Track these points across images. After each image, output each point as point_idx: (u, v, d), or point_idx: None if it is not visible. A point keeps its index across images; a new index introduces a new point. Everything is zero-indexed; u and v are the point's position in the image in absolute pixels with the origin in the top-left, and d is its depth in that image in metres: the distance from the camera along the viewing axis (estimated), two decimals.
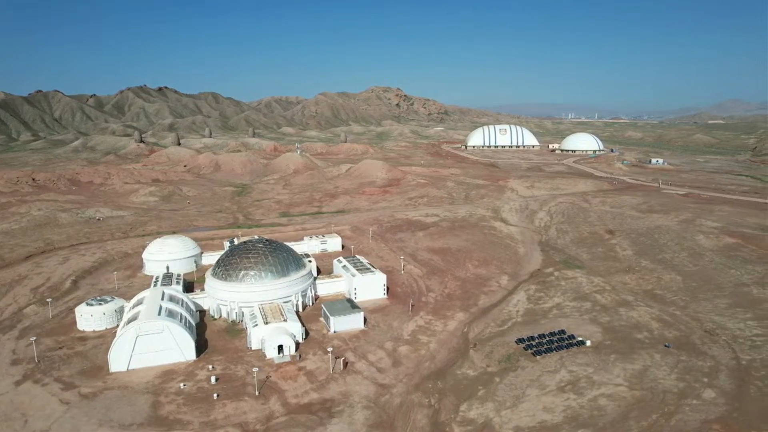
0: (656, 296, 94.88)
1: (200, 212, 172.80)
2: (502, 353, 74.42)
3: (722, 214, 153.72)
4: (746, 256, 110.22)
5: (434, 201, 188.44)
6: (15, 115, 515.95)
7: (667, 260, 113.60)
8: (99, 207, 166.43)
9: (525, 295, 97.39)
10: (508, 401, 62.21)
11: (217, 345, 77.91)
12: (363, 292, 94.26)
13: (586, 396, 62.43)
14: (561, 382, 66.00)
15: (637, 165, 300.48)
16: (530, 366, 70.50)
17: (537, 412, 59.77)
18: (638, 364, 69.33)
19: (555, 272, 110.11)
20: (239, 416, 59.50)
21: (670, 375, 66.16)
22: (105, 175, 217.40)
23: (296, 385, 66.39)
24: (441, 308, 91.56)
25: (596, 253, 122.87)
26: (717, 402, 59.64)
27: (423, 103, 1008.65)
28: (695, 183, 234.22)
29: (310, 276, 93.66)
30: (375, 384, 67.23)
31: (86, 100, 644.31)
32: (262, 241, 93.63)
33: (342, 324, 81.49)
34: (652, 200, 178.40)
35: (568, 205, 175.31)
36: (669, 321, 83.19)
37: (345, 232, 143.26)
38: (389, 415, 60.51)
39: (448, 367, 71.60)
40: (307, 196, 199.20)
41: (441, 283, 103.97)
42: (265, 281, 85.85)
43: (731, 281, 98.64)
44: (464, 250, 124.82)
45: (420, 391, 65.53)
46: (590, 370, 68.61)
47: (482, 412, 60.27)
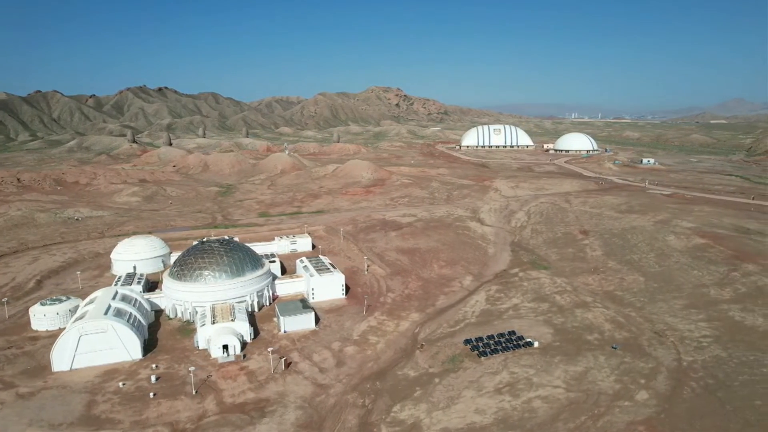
0: (615, 297, 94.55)
1: (180, 212, 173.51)
2: (447, 354, 74.43)
3: (700, 214, 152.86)
4: (712, 257, 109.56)
5: (415, 201, 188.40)
6: (13, 115, 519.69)
7: (634, 261, 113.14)
8: (79, 207, 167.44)
9: (485, 296, 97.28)
10: (442, 402, 62.22)
11: (167, 344, 78.35)
12: (321, 293, 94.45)
13: (522, 398, 62.35)
14: (500, 383, 65.94)
15: (627, 165, 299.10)
16: (473, 367, 70.48)
17: (468, 413, 59.75)
18: (581, 366, 69.16)
19: (520, 273, 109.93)
20: (172, 415, 59.81)
21: (610, 377, 65.97)
22: (91, 175, 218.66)
23: (235, 385, 66.65)
24: (397, 309, 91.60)
25: (566, 254, 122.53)
26: (648, 403, 59.43)
27: (423, 103, 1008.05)
28: (683, 183, 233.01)
29: (267, 276, 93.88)
30: (314, 384, 67.39)
31: (85, 100, 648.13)
32: (219, 242, 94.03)
33: (292, 324, 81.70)
34: (633, 201, 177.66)
35: (549, 205, 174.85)
36: (622, 322, 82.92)
37: (319, 232, 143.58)
38: (321, 415, 60.64)
39: (390, 367, 71.65)
40: (289, 197, 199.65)
41: (403, 283, 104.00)
42: (219, 281, 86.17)
43: (692, 282, 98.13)
44: (433, 250, 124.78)
45: (357, 391, 65.64)
46: (532, 371, 68.51)
47: (414, 413, 60.31)
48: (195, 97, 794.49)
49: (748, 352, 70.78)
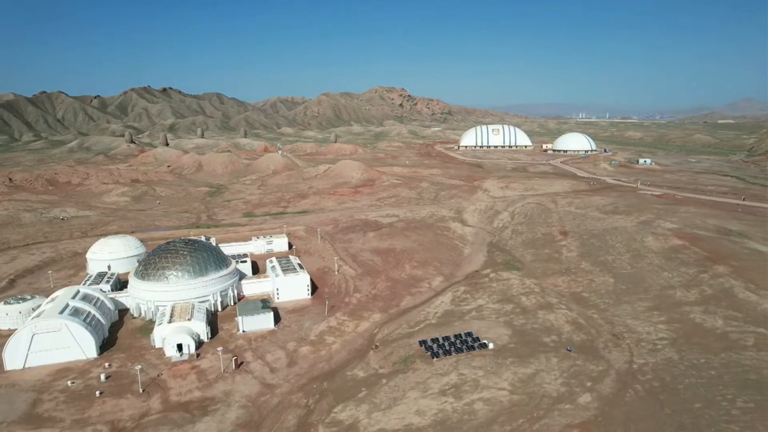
0: (581, 299, 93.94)
1: (167, 212, 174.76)
2: (400, 355, 74.42)
3: (685, 215, 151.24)
4: (686, 259, 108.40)
5: (402, 201, 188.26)
6: (18, 116, 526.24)
7: (608, 262, 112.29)
8: (66, 207, 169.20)
9: (451, 297, 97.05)
10: (384, 403, 62.23)
11: (126, 343, 79.01)
12: (286, 293, 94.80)
13: (465, 399, 62.18)
14: (446, 385, 65.79)
15: (624, 165, 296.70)
16: (423, 368, 70.39)
17: (408, 415, 59.70)
18: (531, 368, 68.81)
19: (492, 274, 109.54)
20: (114, 414, 60.35)
21: (557, 379, 65.58)
22: (84, 175, 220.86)
23: (183, 384, 67.11)
24: (360, 309, 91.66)
25: (541, 255, 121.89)
26: (589, 406, 59.01)
27: (426, 103, 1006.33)
28: (676, 183, 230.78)
29: (232, 276, 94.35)
30: (262, 384, 67.69)
31: (90, 101, 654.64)
32: (184, 242, 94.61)
33: (251, 324, 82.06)
34: (621, 201, 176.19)
35: (535, 205, 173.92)
36: (583, 324, 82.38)
37: (299, 232, 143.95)
38: (262, 414, 60.90)
39: (341, 368, 71.75)
40: (277, 197, 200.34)
41: (371, 284, 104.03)
42: (181, 281, 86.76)
43: (660, 284, 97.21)
44: (409, 250, 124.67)
45: (303, 391, 65.85)
46: (480, 373, 68.28)
47: (354, 413, 60.37)
48: (199, 97, 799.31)
49: (701, 354, 70.03)
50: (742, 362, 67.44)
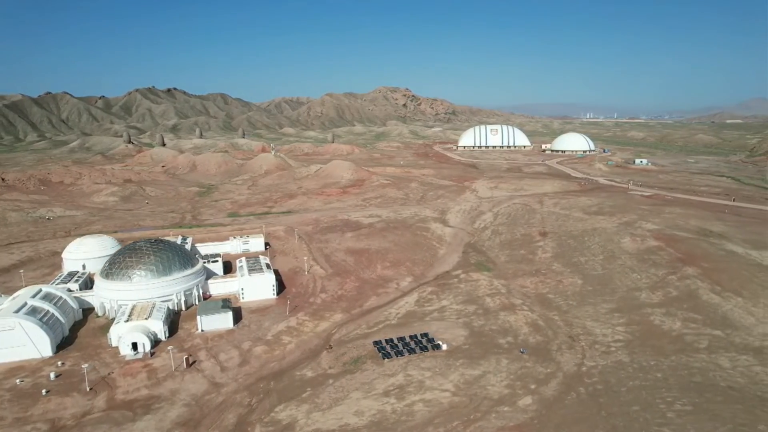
0: (546, 300, 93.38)
1: (153, 212, 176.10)
2: (352, 356, 74.49)
3: (669, 216, 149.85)
4: (658, 260, 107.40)
5: (387, 202, 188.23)
6: (23, 116, 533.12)
7: (581, 263, 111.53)
8: (54, 207, 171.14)
9: (416, 297, 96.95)
10: (325, 404, 62.33)
11: (85, 342, 79.80)
12: (251, 292, 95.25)
13: (406, 401, 62.10)
14: (391, 386, 65.76)
15: (620, 166, 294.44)
16: (372, 369, 70.40)
17: (347, 415, 59.76)
18: (479, 370, 68.58)
19: (462, 274, 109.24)
20: (57, 412, 60.99)
21: (503, 382, 65.29)
22: (77, 175, 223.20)
23: (132, 382, 67.69)
24: (323, 309, 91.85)
25: (515, 256, 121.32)
26: (528, 409, 58.71)
27: (430, 104, 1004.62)
28: (669, 184, 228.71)
29: (197, 275, 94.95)
30: (210, 382, 68.10)
31: (95, 101, 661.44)
32: (149, 242, 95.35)
33: (210, 323, 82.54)
34: (607, 202, 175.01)
35: (520, 206, 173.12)
36: (541, 326, 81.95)
37: (278, 232, 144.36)
38: (203, 413, 61.27)
39: (291, 368, 71.97)
40: (265, 197, 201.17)
41: (340, 284, 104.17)
42: (144, 280, 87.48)
43: (628, 285, 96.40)
44: (383, 251, 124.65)
45: (248, 390, 66.16)
46: (428, 374, 68.15)
47: (293, 413, 60.54)
48: (203, 98, 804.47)
49: (652, 357, 69.41)
50: (692, 365, 66.76)
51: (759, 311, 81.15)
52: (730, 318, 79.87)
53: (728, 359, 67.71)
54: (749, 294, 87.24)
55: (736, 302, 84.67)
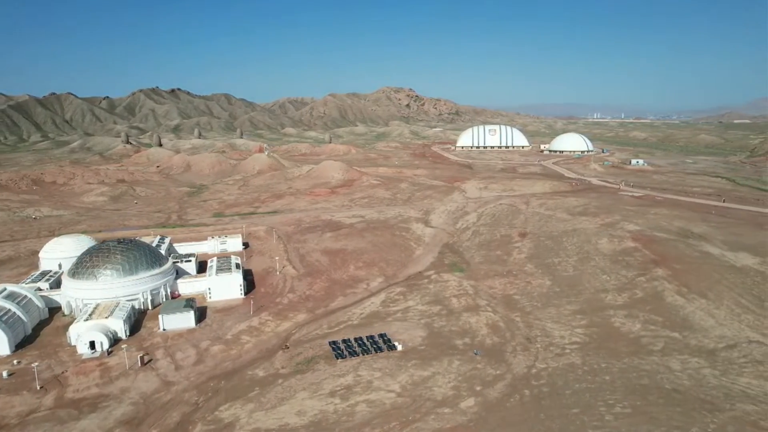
0: (512, 301, 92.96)
1: (140, 212, 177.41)
2: (307, 355, 74.63)
3: (654, 217, 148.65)
4: (631, 261, 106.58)
5: (374, 202, 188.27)
6: (27, 116, 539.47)
7: (553, 264, 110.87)
8: (41, 206, 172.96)
9: (383, 298, 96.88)
10: (270, 403, 62.50)
11: (46, 340, 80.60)
12: (218, 292, 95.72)
13: (350, 401, 62.11)
14: (339, 386, 65.80)
15: (616, 166, 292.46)
16: (324, 369, 70.48)
17: (289, 415, 59.89)
18: (429, 371, 68.43)
19: (434, 275, 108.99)
20: (3, 410, 61.59)
21: (450, 383, 65.09)
22: (70, 175, 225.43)
23: (85, 381, 68.26)
24: (288, 309, 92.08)
25: (491, 256, 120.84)
26: (468, 411, 58.50)
27: (434, 104, 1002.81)
28: (662, 185, 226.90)
29: (165, 275, 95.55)
30: (162, 381, 68.53)
31: (99, 102, 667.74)
32: (117, 241, 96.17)
33: (171, 322, 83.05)
34: (594, 203, 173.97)
35: (506, 206, 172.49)
36: (501, 327, 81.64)
37: (259, 233, 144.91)
38: (148, 411, 61.65)
39: (245, 367, 72.23)
40: (254, 197, 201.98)
41: (309, 284, 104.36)
42: (109, 279, 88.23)
43: (595, 287, 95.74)
44: (359, 251, 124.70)
45: (198, 389, 66.51)
46: (377, 375, 68.13)
47: (236, 412, 60.76)
48: (207, 98, 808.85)
49: (604, 359, 68.90)
50: (642, 367, 66.20)
51: (720, 313, 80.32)
52: (690, 320, 79.11)
53: (680, 362, 67.06)
54: (714, 296, 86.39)
55: (699, 304, 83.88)
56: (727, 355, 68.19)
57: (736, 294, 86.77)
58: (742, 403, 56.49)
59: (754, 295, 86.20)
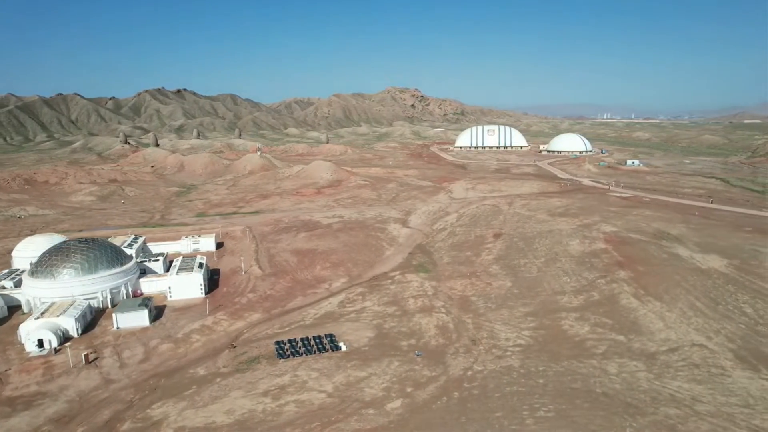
0: (467, 303, 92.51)
1: (125, 212, 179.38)
2: (251, 355, 74.98)
3: (634, 218, 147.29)
4: (597, 263, 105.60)
5: (357, 202, 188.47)
6: (34, 117, 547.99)
7: (519, 266, 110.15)
8: (28, 206, 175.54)
9: (342, 298, 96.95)
10: (202, 401, 62.90)
11: None
12: (178, 291, 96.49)
13: (281, 401, 62.31)
14: (273, 386, 66.03)
15: (611, 167, 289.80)
16: (264, 369, 70.75)
17: (217, 413, 60.20)
18: (366, 372, 68.42)
19: (398, 275, 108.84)
20: None
21: (382, 384, 64.98)
22: (62, 175, 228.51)
23: (26, 379, 69.14)
24: (245, 309, 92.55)
25: (459, 257, 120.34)
26: (392, 412, 58.38)
27: (439, 104, 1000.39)
28: (654, 185, 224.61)
29: (126, 274, 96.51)
30: (103, 379, 69.26)
31: (105, 102, 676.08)
32: (78, 241, 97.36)
33: (125, 321, 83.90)
34: (578, 203, 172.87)
35: (488, 207, 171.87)
36: (450, 329, 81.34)
37: (236, 232, 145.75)
38: (81, 409, 62.35)
39: (188, 366, 72.74)
40: (240, 197, 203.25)
41: (272, 284, 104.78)
42: (67, 278, 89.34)
43: (554, 289, 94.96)
44: (329, 251, 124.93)
45: (136, 387, 67.10)
46: (314, 375, 68.26)
47: (167, 410, 61.21)
48: (213, 98, 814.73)
49: (543, 362, 68.35)
50: (578, 370, 65.58)
51: (671, 316, 79.29)
52: (639, 323, 78.20)
53: (618, 365, 66.33)
54: (670, 298, 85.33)
55: (652, 307, 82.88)
56: (666, 358, 67.32)
57: (692, 297, 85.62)
58: (666, 407, 55.76)
59: (711, 298, 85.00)
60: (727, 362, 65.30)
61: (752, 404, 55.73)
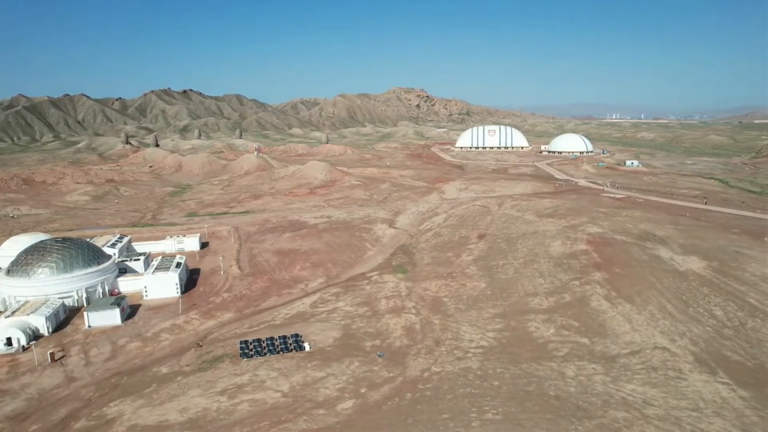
0: (438, 304, 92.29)
1: (117, 212, 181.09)
2: (216, 354, 75.46)
3: (622, 219, 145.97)
4: (575, 265, 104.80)
5: (348, 203, 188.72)
6: (41, 117, 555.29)
7: (497, 267, 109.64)
8: (22, 205, 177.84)
9: (316, 299, 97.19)
10: (159, 400, 63.43)
11: None
12: (154, 290, 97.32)
13: (236, 400, 62.67)
14: (231, 385, 66.43)
15: (610, 167, 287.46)
16: (225, 368, 71.19)
17: (171, 412, 60.69)
18: (324, 372, 68.61)
19: (375, 276, 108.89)
20: None
21: (338, 385, 65.10)
22: (60, 175, 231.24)
23: None
24: (217, 309, 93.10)
25: (439, 258, 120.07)
26: (341, 413, 58.48)
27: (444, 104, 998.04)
28: (650, 186, 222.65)
29: (102, 273, 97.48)
30: (66, 377, 70.04)
31: (111, 103, 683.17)
32: (55, 240, 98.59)
33: (97, 319, 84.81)
34: (568, 204, 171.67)
35: (478, 208, 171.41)
36: (416, 330, 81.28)
37: (222, 233, 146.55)
38: (39, 407, 63.11)
39: (153, 364, 73.33)
40: (233, 197, 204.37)
41: (249, 284, 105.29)
42: (42, 277, 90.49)
43: (527, 290, 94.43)
44: (311, 251, 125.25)
45: (97, 385, 67.79)
46: (273, 375, 68.55)
47: (123, 408, 61.79)
48: (219, 99, 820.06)
49: (502, 364, 68.03)
50: (536, 373, 65.21)
51: (640, 318, 78.55)
52: (606, 325, 77.58)
53: (576, 368, 65.86)
54: (641, 300, 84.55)
55: (622, 309, 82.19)
56: (626, 361, 66.71)
57: (664, 299, 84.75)
58: (616, 410, 55.28)
59: (683, 300, 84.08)
60: (686, 365, 64.58)
61: (701, 407, 55.09)
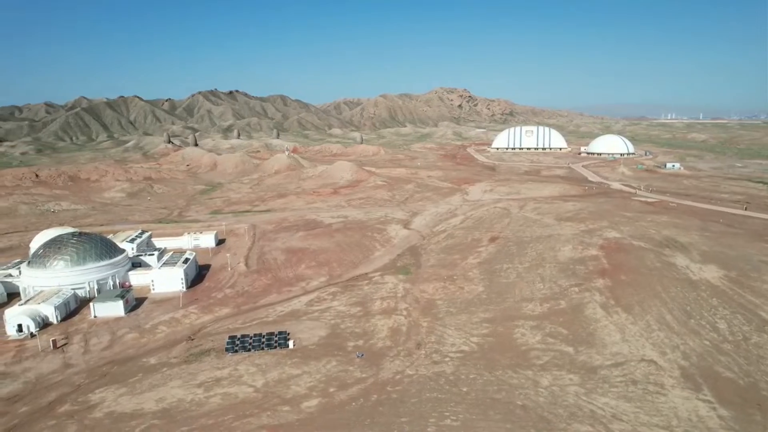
0: (431, 306, 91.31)
1: (148, 208, 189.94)
2: (204, 347, 77.97)
3: (647, 224, 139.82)
4: (580, 271, 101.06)
5: (369, 203, 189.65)
6: (97, 118, 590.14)
7: (501, 271, 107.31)
8: (63, 201, 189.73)
9: (313, 297, 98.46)
10: (141, 389, 66.21)
11: None
12: (161, 285, 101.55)
13: (210, 392, 64.56)
14: (210, 378, 68.44)
15: (649, 170, 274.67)
16: (210, 361, 73.41)
17: (148, 401, 63.28)
18: (300, 370, 69.52)
19: (377, 276, 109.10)
20: None
21: (310, 383, 65.69)
22: (102, 172, 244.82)
23: None
24: (217, 304, 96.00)
25: (446, 260, 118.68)
26: (304, 411, 59.05)
27: (487, 104, 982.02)
28: (688, 190, 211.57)
29: (114, 267, 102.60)
30: (64, 364, 74.34)
31: (162, 104, 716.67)
32: (72, 234, 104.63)
33: (102, 310, 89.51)
34: (592, 207, 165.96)
35: (499, 210, 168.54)
36: (401, 332, 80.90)
37: (239, 230, 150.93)
38: (33, 390, 67.32)
39: (144, 355, 76.63)
40: (259, 196, 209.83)
41: (252, 281, 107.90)
42: (57, 269, 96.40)
43: (524, 296, 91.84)
44: (320, 250, 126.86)
45: (89, 372, 71.53)
46: (252, 370, 70.09)
47: (106, 395, 64.95)
48: (263, 99, 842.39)
49: (478, 370, 66.61)
50: (509, 381, 63.46)
51: (634, 329, 74.81)
52: (596, 335, 74.38)
53: (552, 377, 63.57)
54: (641, 310, 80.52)
55: (617, 318, 78.55)
56: (607, 373, 63.76)
57: (665, 309, 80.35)
58: (580, 424, 53.01)
59: (685, 311, 79.42)
60: (670, 380, 60.98)
61: (674, 425, 51.93)
